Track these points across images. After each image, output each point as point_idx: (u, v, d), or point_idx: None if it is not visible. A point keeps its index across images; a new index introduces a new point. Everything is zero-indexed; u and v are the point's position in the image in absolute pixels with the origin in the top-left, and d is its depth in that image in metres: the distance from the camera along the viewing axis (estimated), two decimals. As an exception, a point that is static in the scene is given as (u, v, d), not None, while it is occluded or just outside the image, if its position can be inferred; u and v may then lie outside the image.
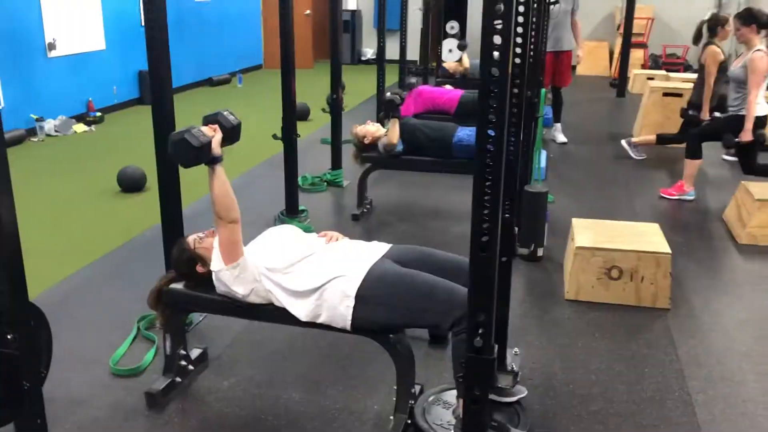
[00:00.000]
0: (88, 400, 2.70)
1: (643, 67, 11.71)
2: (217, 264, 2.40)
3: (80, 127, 7.62)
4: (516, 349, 3.04)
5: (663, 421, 2.60)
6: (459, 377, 2.07)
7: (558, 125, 7.34)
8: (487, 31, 1.61)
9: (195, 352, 2.93)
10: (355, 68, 12.93)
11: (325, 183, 5.57)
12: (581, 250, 3.51)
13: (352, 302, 2.29)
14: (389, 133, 4.52)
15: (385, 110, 4.60)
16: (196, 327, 3.23)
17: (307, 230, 4.45)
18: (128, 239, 4.41)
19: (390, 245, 2.56)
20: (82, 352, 3.04)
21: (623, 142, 6.67)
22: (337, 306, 2.31)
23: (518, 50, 2.59)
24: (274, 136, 4.56)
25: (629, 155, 6.59)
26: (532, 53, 3.99)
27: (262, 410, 2.64)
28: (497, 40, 1.61)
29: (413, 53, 9.90)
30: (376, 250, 2.48)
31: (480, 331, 1.85)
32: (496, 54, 1.62)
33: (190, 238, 2.59)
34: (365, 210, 4.84)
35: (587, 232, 3.69)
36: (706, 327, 3.33)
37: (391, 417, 2.49)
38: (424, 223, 4.77)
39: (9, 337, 2.21)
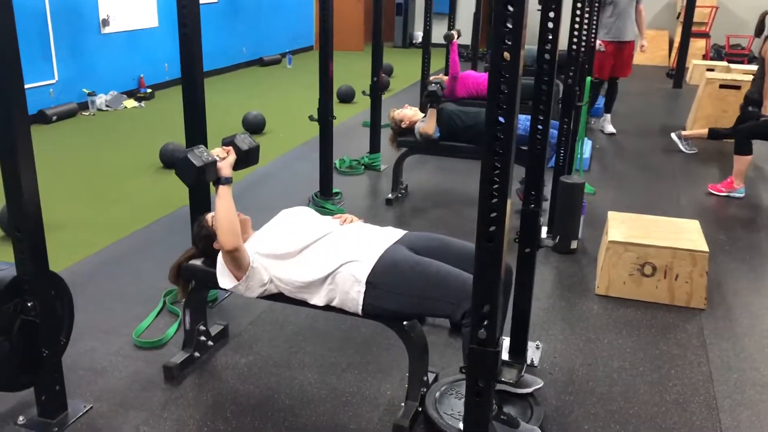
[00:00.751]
0: (108, 370, 2.76)
1: (704, 57, 11.29)
2: (226, 282, 2.39)
3: (130, 103, 7.78)
4: (538, 342, 2.99)
5: (684, 424, 2.51)
6: (462, 368, 2.03)
7: (608, 116, 7.16)
8: (499, 16, 1.55)
9: (216, 328, 2.96)
10: (405, 52, 12.86)
11: (363, 166, 5.55)
12: (613, 244, 3.41)
13: (362, 288, 2.27)
14: (426, 122, 4.47)
15: (427, 100, 4.54)
16: (220, 303, 3.27)
17: (339, 213, 4.50)
18: (164, 214, 4.49)
19: (405, 231, 2.52)
20: (108, 323, 3.11)
21: (673, 135, 6.45)
22: (349, 291, 2.29)
23: (549, 36, 2.51)
24: (311, 118, 4.55)
25: (679, 148, 6.37)
26: (576, 42, 3.88)
27: (276, 389, 2.65)
28: (509, 24, 1.55)
29: (466, 38, 9.77)
30: (391, 235, 2.45)
31: (484, 323, 1.81)
32: (507, 39, 1.55)
33: (209, 216, 2.60)
34: (399, 195, 4.81)
35: (622, 227, 3.58)
36: (742, 330, 3.20)
37: (403, 404, 2.48)
38: (458, 210, 4.71)
39: (29, 304, 2.27)
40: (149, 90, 8.19)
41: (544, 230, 4.24)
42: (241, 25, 10.44)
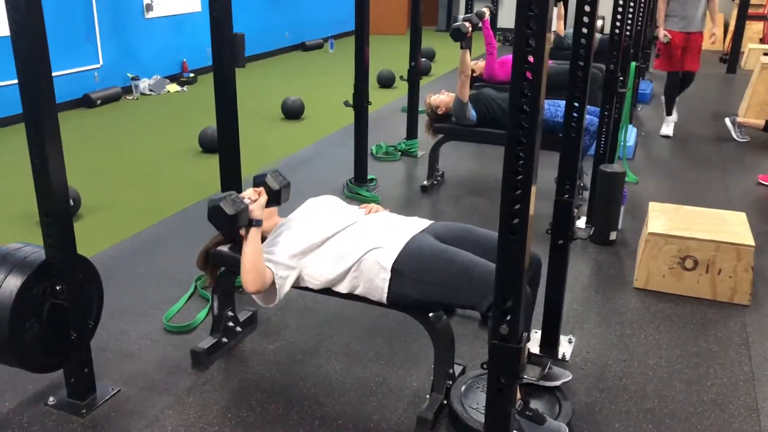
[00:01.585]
0: (137, 353, 2.79)
1: (762, 41, 10.85)
2: (265, 303, 2.37)
3: (173, 87, 7.87)
4: (570, 336, 2.91)
5: (721, 426, 2.41)
6: (483, 365, 1.97)
7: (670, 117, 6.41)
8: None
9: (244, 314, 2.97)
10: (448, 36, 12.68)
11: (399, 152, 5.50)
12: (653, 236, 3.29)
13: (388, 275, 2.23)
14: (460, 67, 4.32)
15: (453, 39, 4.39)
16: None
17: (374, 200, 4.47)
18: (201, 198, 4.52)
19: (431, 221, 2.47)
20: (139, 306, 3.15)
21: (727, 121, 6.21)
22: (374, 278, 2.26)
23: (585, 19, 2.41)
24: (346, 103, 4.51)
25: (732, 136, 6.14)
26: (618, 26, 3.74)
27: (302, 377, 2.64)
28: (534, 8, 1.47)
29: (509, 20, 9.59)
30: (416, 224, 2.40)
31: (507, 318, 1.75)
32: (531, 23, 1.47)
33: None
34: (435, 182, 4.75)
35: (663, 218, 3.45)
36: (789, 328, 3.06)
37: (428, 396, 2.44)
38: (493, 198, 4.59)
39: (58, 288, 2.30)
40: (192, 74, 8.27)
41: (583, 220, 4.16)
42: (284, 9, 10.45)
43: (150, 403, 2.49)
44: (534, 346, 2.84)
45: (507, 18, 11.47)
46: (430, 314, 2.33)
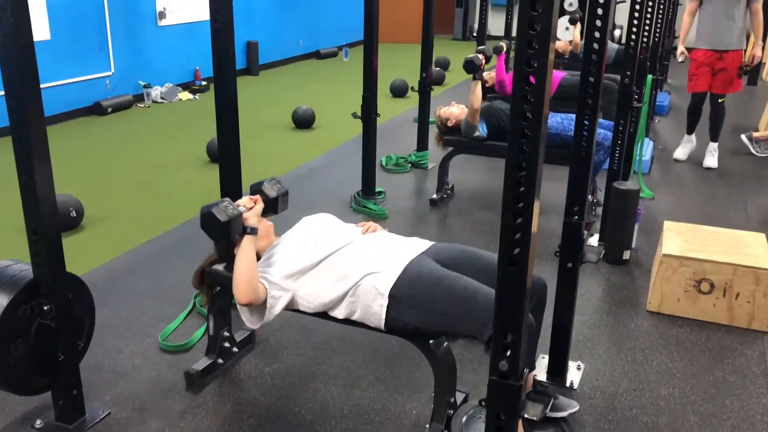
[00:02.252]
0: (131, 372, 2.71)
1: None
2: (252, 323, 2.26)
3: (185, 95, 7.84)
4: (579, 363, 2.80)
5: (737, 464, 2.29)
6: (482, 401, 1.87)
7: (713, 144, 5.66)
8: (524, 8, 1.37)
9: (242, 334, 2.88)
10: (464, 44, 12.59)
11: (410, 164, 5.41)
12: (667, 258, 3.16)
13: (385, 301, 2.13)
14: (470, 98, 4.24)
15: (466, 71, 4.32)
16: (250, 307, 3.19)
17: (381, 214, 4.38)
18: (205, 210, 4.44)
19: (431, 243, 2.37)
20: (136, 323, 3.07)
21: (743, 137, 6.06)
22: (371, 304, 2.16)
23: (597, 34, 2.31)
24: (354, 115, 4.43)
25: (750, 151, 5.98)
26: (633, 38, 3.63)
27: (297, 402, 2.55)
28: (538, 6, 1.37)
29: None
30: (416, 246, 2.30)
31: (507, 353, 1.64)
32: (535, 24, 1.37)
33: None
34: (444, 195, 4.64)
35: (678, 238, 3.33)
36: (810, 357, 2.92)
37: (427, 426, 2.33)
38: (506, 214, 4.50)
39: (45, 308, 2.23)
40: (204, 82, 8.24)
41: (595, 238, 4.03)
42: (299, 17, 10.42)
43: (141, 427, 2.40)
44: (541, 372, 2.73)
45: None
46: (431, 340, 2.23)
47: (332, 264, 2.24)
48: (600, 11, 2.35)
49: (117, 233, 4.10)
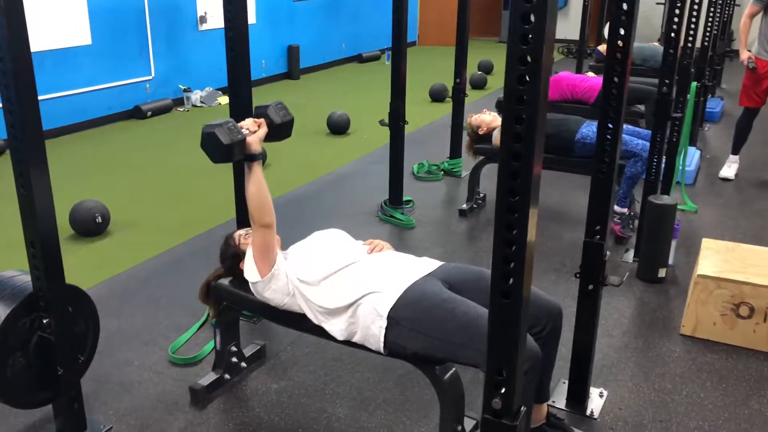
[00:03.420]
0: (137, 386, 2.67)
1: None
2: (251, 275, 2.23)
3: (225, 99, 7.87)
4: (602, 390, 2.64)
5: None
6: None
7: (735, 157, 5.46)
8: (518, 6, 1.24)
9: (252, 348, 2.82)
10: (511, 48, 12.34)
11: (442, 172, 5.28)
12: (703, 278, 2.97)
13: (384, 323, 2.02)
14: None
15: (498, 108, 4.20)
16: (264, 320, 3.12)
17: (408, 224, 4.27)
18: (231, 217, 4.40)
19: (441, 263, 2.25)
20: (149, 333, 3.04)
21: None
22: (370, 326, 2.06)
23: (621, 30, 2.14)
24: (381, 122, 4.33)
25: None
26: (673, 42, 3.44)
27: (301, 424, 2.46)
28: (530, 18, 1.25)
29: (574, 33, 9.21)
30: (422, 266, 2.19)
31: (501, 391, 1.52)
32: (528, 34, 1.24)
33: (237, 234, 2.45)
34: (475, 206, 4.50)
35: (715, 258, 3.12)
36: None
37: (433, 454, 2.22)
38: (538, 225, 4.33)
39: (45, 321, 2.20)
40: (244, 86, 8.25)
41: (631, 253, 3.84)
42: (341, 21, 10.38)
43: (140, 444, 2.36)
44: (560, 399, 2.58)
45: (569, 29, 11.05)
46: (437, 366, 2.11)
47: (334, 282, 2.15)
48: (625, 5, 2.17)
49: (142, 240, 4.09)
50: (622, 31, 2.15)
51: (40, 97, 2.00)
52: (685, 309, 3.08)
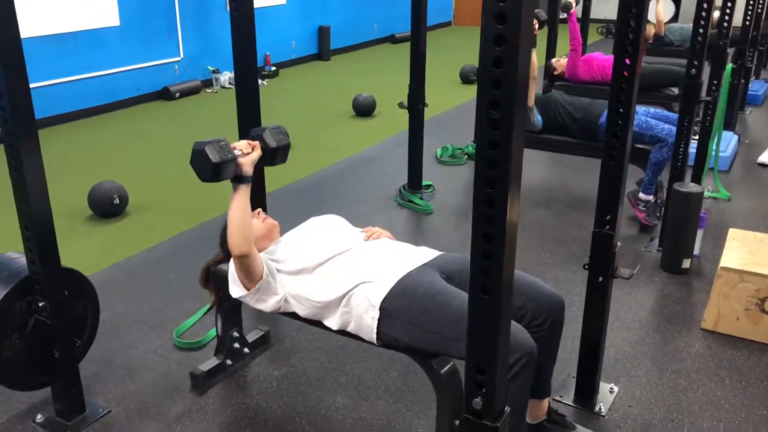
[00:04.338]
0: (140, 369, 2.67)
1: None
2: (236, 291, 2.16)
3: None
4: (612, 385, 2.54)
5: None
6: None
7: None
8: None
9: (256, 334, 2.79)
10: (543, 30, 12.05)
11: (466, 156, 5.16)
12: (726, 271, 2.82)
13: (376, 313, 1.96)
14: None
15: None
16: (271, 305, 3.09)
17: (427, 209, 4.18)
18: (249, 200, 4.39)
19: (439, 253, 2.16)
20: (157, 317, 3.03)
21: None
22: (363, 315, 1.99)
23: (633, 9, 2.02)
24: (401, 105, 4.24)
25: None
26: (703, 22, 3.27)
27: (300, 412, 2.42)
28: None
29: (612, 11, 8.90)
30: (419, 256, 2.11)
31: (483, 391, 1.44)
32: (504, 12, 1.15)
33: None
34: (496, 191, 4.38)
35: (741, 250, 2.97)
36: None
37: (429, 449, 2.16)
38: (561, 212, 4.22)
39: (41, 304, 2.19)
40: (273, 68, 8.23)
41: (656, 243, 3.70)
42: (374, 1, 10.25)
43: (136, 428, 2.35)
44: (568, 394, 2.49)
45: (608, 9, 10.71)
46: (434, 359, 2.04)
47: (328, 270, 2.09)
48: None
49: (158, 222, 4.10)
50: (633, 9, 2.02)
51: (69, 78, 1.98)
52: (708, 303, 2.94)
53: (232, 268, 2.17)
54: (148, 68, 6.86)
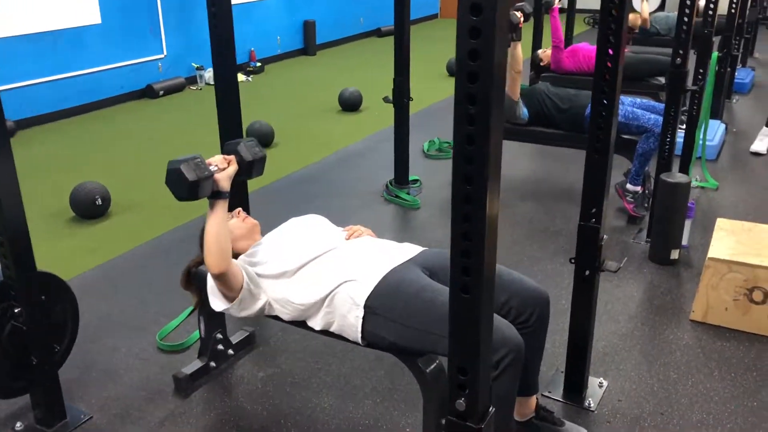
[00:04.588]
0: (123, 373, 2.62)
1: None
2: (217, 304, 2.11)
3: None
4: (601, 380, 2.51)
5: None
6: None
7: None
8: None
9: (240, 335, 2.75)
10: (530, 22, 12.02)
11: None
12: (714, 262, 2.80)
13: (361, 312, 1.92)
14: (509, 64, 3.84)
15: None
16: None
17: (414, 204, 4.15)
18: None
19: (422, 248, 2.13)
20: (140, 319, 2.99)
21: None
22: (347, 315, 1.96)
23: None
24: (385, 99, 4.20)
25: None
26: (687, 8, 3.24)
27: (285, 414, 2.39)
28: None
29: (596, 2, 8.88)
30: (403, 253, 2.07)
31: (466, 392, 1.41)
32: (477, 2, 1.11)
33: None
34: (483, 184, 4.35)
35: (729, 239, 2.95)
36: None
37: (416, 449, 2.13)
38: (549, 205, 4.19)
39: (16, 310, 2.14)
40: (259, 63, 8.16)
41: (644, 234, 3.68)
42: (359, -6, 10.19)
43: (119, 434, 2.31)
44: (557, 390, 2.47)
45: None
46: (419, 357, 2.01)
47: (310, 272, 2.05)
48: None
49: (142, 222, 4.04)
50: (614, 3, 1.98)
51: (50, 78, 1.93)
52: (696, 293, 2.92)
53: (210, 282, 2.11)
54: (131, 66, 6.78)
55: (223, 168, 2.08)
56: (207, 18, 2.68)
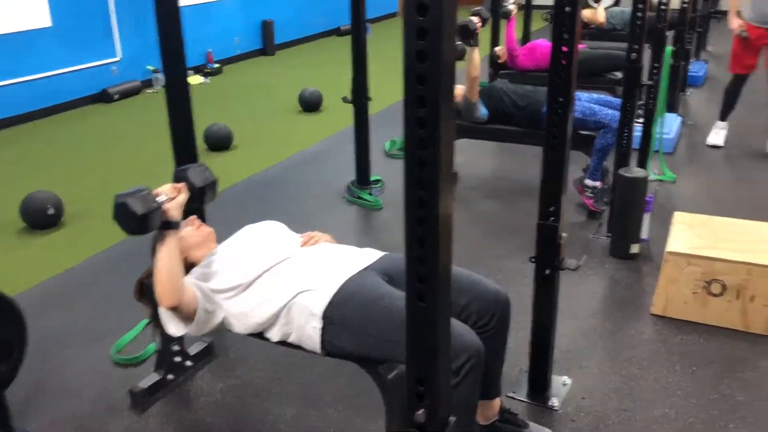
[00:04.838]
0: (77, 389, 2.53)
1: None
2: (174, 330, 2.01)
3: (196, 79, 7.64)
4: (565, 378, 2.51)
5: (735, 505, 1.98)
6: None
7: (723, 123, 5.26)
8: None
9: (198, 346, 2.68)
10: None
11: (414, 149, 5.09)
12: (673, 255, 2.82)
13: (318, 323, 1.87)
14: (467, 68, 3.85)
15: (460, 38, 3.89)
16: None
17: (376, 204, 4.11)
18: (192, 204, 4.24)
19: (382, 254, 2.09)
20: (97, 330, 2.89)
21: None
22: (304, 326, 1.91)
23: None
24: (344, 99, 4.15)
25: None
26: (640, 4, 3.26)
27: (246, 425, 2.33)
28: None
29: None
30: (361, 259, 2.03)
31: (424, 402, 1.38)
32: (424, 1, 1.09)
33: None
34: (445, 183, 4.33)
35: (687, 233, 2.98)
36: (836, 369, 2.56)
37: (380, 457, 2.09)
38: (510, 202, 4.19)
39: (-41, 330, 2.04)
40: (217, 65, 8.04)
41: (604, 228, 3.69)
42: (318, -7, 10.10)
43: (72, 454, 2.23)
44: (521, 390, 2.45)
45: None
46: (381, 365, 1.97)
47: (265, 282, 1.99)
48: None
49: (97, 231, 3.92)
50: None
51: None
52: (656, 288, 2.94)
53: (162, 310, 2.03)
54: (84, 70, 6.61)
55: (173, 197, 2.01)
56: (157, 19, 2.60)
